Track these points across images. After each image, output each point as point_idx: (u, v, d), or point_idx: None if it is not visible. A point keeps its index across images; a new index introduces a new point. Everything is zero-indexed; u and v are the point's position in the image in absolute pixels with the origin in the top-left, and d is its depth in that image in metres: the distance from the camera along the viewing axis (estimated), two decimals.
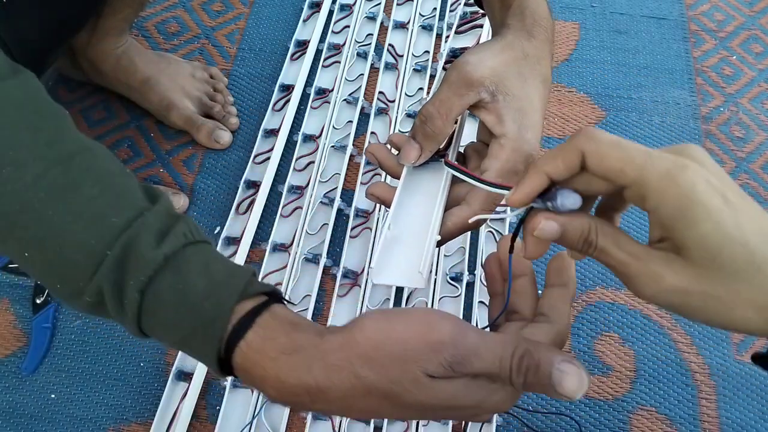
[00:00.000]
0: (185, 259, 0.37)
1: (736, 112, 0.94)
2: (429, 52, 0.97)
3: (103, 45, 0.84)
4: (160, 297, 0.36)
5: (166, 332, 0.37)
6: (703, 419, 0.71)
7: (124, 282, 0.36)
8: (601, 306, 0.78)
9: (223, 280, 0.37)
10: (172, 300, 0.36)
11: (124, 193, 0.38)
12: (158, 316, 0.36)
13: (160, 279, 0.36)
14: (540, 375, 0.33)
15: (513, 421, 0.70)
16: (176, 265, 0.36)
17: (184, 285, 0.36)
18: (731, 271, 0.30)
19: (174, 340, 0.37)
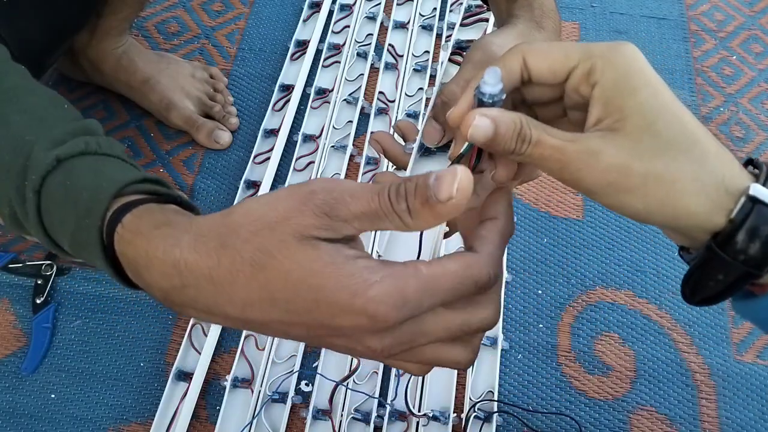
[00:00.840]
0: (80, 162, 0.37)
1: (736, 112, 0.94)
2: (429, 52, 0.97)
3: (104, 45, 0.84)
4: (51, 195, 0.36)
5: (60, 231, 0.36)
6: (703, 419, 0.71)
7: (24, 186, 0.37)
8: (601, 306, 0.78)
9: (111, 175, 0.36)
10: (60, 196, 0.36)
11: (47, 118, 0.41)
12: (52, 215, 0.36)
13: (51, 178, 0.36)
14: (419, 190, 0.28)
15: (513, 420, 0.70)
16: (68, 166, 0.37)
17: (71, 181, 0.36)
18: (667, 141, 0.30)
19: (68, 241, 0.36)
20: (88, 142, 0.38)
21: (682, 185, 0.30)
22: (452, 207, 0.28)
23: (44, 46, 0.63)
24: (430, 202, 0.28)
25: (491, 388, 0.71)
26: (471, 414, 0.69)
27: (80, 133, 0.39)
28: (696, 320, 0.77)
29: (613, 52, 0.31)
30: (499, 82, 0.31)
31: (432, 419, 0.69)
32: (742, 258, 0.30)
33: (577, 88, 0.32)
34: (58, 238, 0.37)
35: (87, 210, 0.34)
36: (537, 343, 0.75)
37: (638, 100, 0.30)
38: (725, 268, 0.31)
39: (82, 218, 0.35)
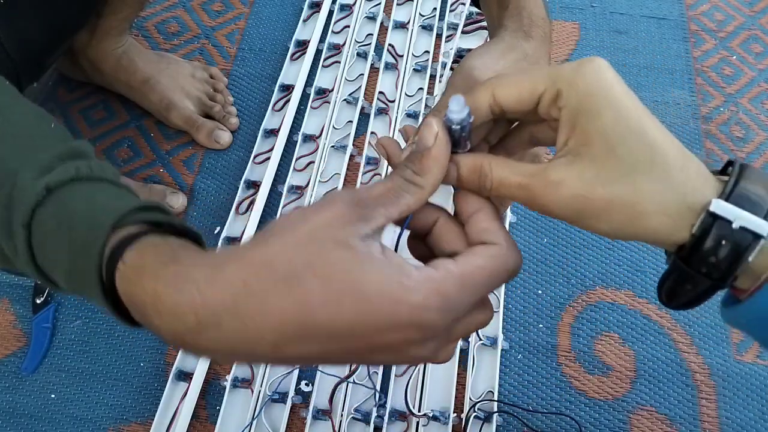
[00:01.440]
0: (71, 189, 0.33)
1: (736, 112, 0.94)
2: (429, 52, 0.97)
3: (104, 45, 0.84)
4: (42, 229, 0.33)
5: (54, 267, 0.33)
6: (703, 419, 0.71)
7: (12, 220, 0.33)
8: (601, 306, 0.78)
9: (106, 205, 0.33)
10: (52, 230, 0.32)
11: (32, 141, 0.37)
12: (45, 249, 0.33)
13: (42, 210, 0.33)
14: (412, 153, 0.31)
15: (513, 420, 0.70)
16: (60, 196, 0.33)
17: (64, 213, 0.33)
18: (630, 164, 0.30)
19: (64, 279, 0.33)
20: (78, 167, 0.34)
21: (644, 207, 0.30)
22: (441, 145, 0.31)
23: (44, 47, 0.63)
24: (425, 154, 0.31)
25: (491, 388, 0.71)
26: (471, 414, 0.69)
27: (69, 157, 0.35)
28: (696, 320, 0.77)
29: (576, 76, 0.31)
30: (463, 108, 0.31)
31: (432, 419, 0.69)
32: (704, 270, 0.30)
33: (547, 112, 0.32)
34: (53, 274, 0.34)
35: (83, 246, 0.31)
36: (537, 343, 0.75)
37: (600, 124, 0.30)
38: (692, 279, 0.31)
39: (79, 255, 0.32)
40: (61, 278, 0.33)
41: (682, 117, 0.93)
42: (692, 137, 0.91)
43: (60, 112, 0.91)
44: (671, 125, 0.92)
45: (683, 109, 0.94)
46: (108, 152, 0.88)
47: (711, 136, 0.92)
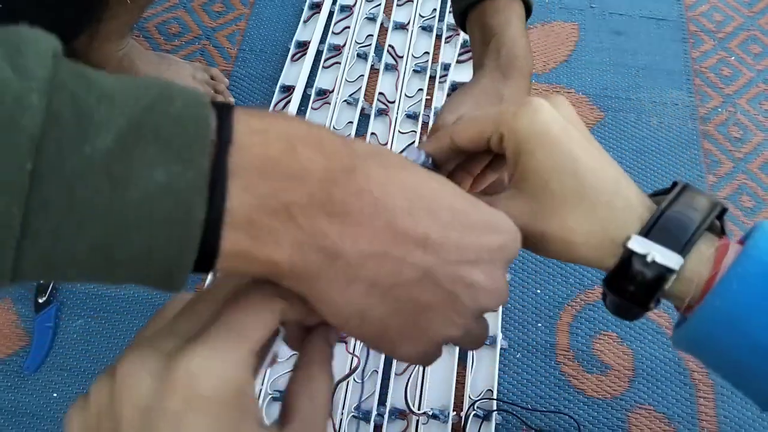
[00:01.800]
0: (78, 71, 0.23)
1: (734, 113, 0.94)
2: (429, 53, 0.98)
3: (105, 48, 0.85)
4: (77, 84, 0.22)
5: (102, 126, 0.22)
6: (701, 417, 0.72)
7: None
8: (600, 305, 0.78)
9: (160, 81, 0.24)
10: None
11: None
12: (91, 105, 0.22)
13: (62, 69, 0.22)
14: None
15: (512, 419, 0.71)
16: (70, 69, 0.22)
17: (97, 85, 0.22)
18: (561, 198, 0.33)
19: (116, 137, 0.21)
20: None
21: (574, 239, 0.33)
22: None
23: None
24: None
25: (490, 386, 0.72)
26: (470, 412, 0.70)
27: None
28: None
29: (515, 119, 0.34)
30: (419, 155, 0.38)
31: (432, 417, 0.69)
32: (627, 296, 0.33)
33: (499, 150, 0.36)
34: (93, 137, 0.21)
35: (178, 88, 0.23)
36: (536, 342, 0.76)
37: (534, 163, 0.33)
38: (619, 300, 0.34)
39: (177, 88, 0.23)
40: (119, 125, 0.21)
41: (680, 117, 0.94)
42: (690, 138, 0.92)
43: None
44: (669, 126, 0.93)
45: (681, 110, 0.95)
46: None
47: (709, 137, 0.92)
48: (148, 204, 0.21)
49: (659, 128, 0.93)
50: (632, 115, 0.94)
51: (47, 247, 0.21)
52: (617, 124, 0.93)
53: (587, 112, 0.94)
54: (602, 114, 0.94)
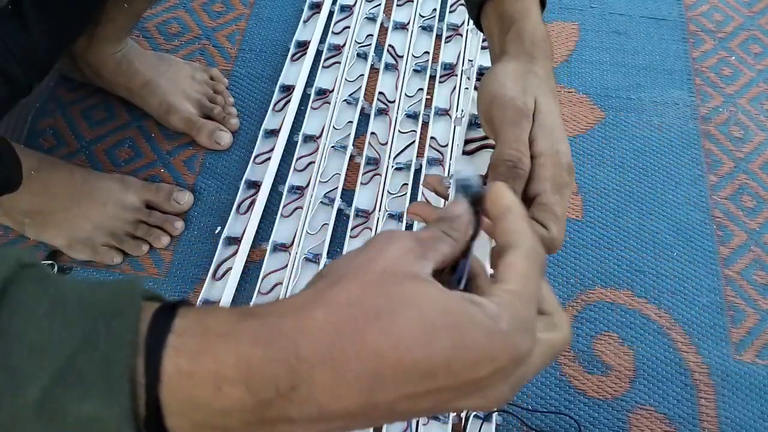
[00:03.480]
0: (33, 278, 0.26)
1: (735, 113, 0.94)
2: (429, 53, 0.98)
3: (103, 50, 0.85)
4: (20, 308, 0.25)
5: (37, 359, 0.24)
6: (702, 418, 0.71)
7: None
8: (600, 305, 0.78)
9: (100, 284, 0.26)
10: (42, 307, 0.25)
11: None
12: (24, 333, 0.24)
13: (15, 289, 0.25)
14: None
15: (512, 420, 0.71)
16: (21, 287, 0.25)
17: (50, 291, 0.26)
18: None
19: (51, 377, 0.24)
20: (19, 257, 0.26)
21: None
22: (466, 214, 0.33)
23: (47, 53, 0.63)
24: (455, 219, 0.32)
25: None
26: (470, 413, 0.70)
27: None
28: (695, 320, 0.77)
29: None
30: (471, 180, 0.35)
31: (432, 418, 0.69)
32: None
33: None
34: (24, 381, 0.24)
35: (112, 312, 0.25)
36: None
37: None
38: None
39: (104, 324, 0.25)
40: (44, 379, 0.24)
41: (681, 117, 0.94)
42: (691, 137, 0.92)
43: (61, 112, 0.92)
44: (670, 125, 0.93)
45: (682, 110, 0.94)
46: (109, 153, 0.89)
47: (710, 137, 0.92)
48: (81, 429, 0.24)
49: (660, 128, 0.93)
50: (633, 114, 0.94)
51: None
52: (618, 123, 0.93)
53: (588, 112, 0.94)
54: (603, 114, 0.94)
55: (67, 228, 0.77)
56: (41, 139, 0.89)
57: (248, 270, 0.80)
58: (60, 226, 0.77)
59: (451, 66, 0.96)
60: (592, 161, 0.90)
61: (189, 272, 0.80)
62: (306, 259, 0.79)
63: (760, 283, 0.80)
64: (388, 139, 0.89)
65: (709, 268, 0.81)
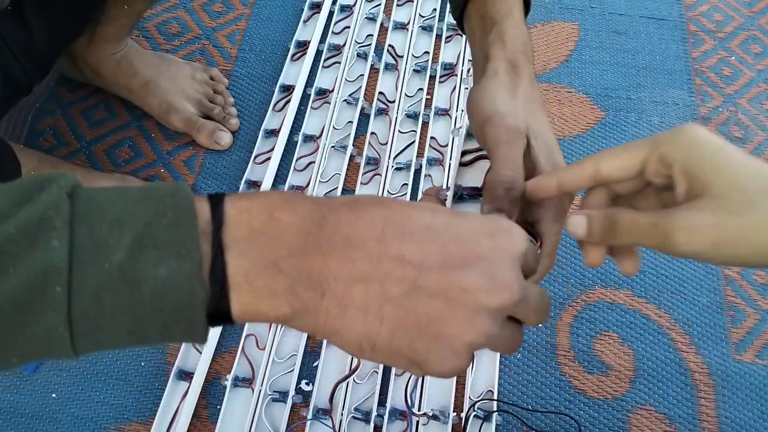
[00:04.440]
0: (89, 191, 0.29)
1: (735, 113, 0.94)
2: (429, 52, 0.98)
3: (102, 50, 0.85)
4: (91, 202, 0.29)
5: (114, 236, 0.28)
6: (702, 418, 0.71)
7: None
8: (600, 305, 0.78)
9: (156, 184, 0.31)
10: (112, 197, 0.29)
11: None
12: (100, 216, 0.29)
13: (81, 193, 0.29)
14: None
15: (512, 420, 0.71)
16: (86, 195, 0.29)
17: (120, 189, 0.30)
18: (755, 191, 0.33)
19: (127, 251, 0.28)
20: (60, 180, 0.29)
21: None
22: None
23: (48, 52, 0.63)
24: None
25: (491, 387, 0.71)
26: (470, 413, 0.70)
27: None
28: (695, 320, 0.77)
29: (676, 136, 0.36)
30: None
31: (432, 418, 0.69)
32: None
33: (658, 172, 0.37)
34: (107, 250, 0.28)
35: (172, 192, 0.29)
36: (536, 343, 0.76)
37: (715, 166, 0.34)
38: None
39: (169, 198, 0.29)
40: (127, 242, 0.28)
41: (681, 117, 0.94)
42: None
43: (61, 112, 0.92)
44: (670, 125, 0.93)
45: (682, 110, 0.94)
46: (109, 153, 0.89)
47: None
48: (157, 295, 0.28)
49: (660, 128, 0.93)
50: (633, 114, 0.94)
51: (93, 338, 0.28)
52: (618, 123, 0.93)
53: (588, 112, 0.94)
54: (603, 114, 0.94)
55: None
56: (41, 139, 0.89)
57: None
58: None
59: (451, 66, 0.96)
60: None
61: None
62: None
63: (760, 283, 0.80)
64: (388, 139, 0.89)
65: (709, 268, 0.81)
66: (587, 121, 0.93)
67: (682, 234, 0.34)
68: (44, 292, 0.27)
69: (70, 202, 0.28)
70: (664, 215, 0.35)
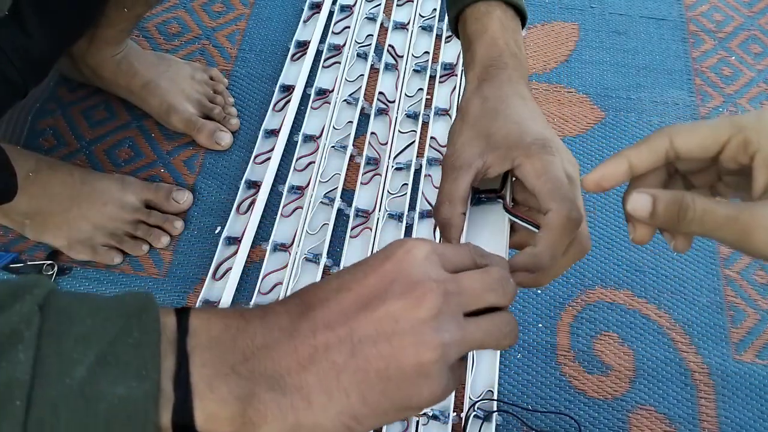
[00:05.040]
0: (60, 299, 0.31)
1: (735, 113, 0.94)
2: (429, 52, 0.98)
3: (103, 52, 0.84)
4: (57, 316, 0.30)
5: (77, 353, 0.29)
6: (702, 418, 0.71)
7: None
8: (600, 305, 0.78)
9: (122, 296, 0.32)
10: (78, 309, 0.30)
11: None
12: (64, 335, 0.29)
13: (52, 303, 0.30)
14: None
15: (512, 420, 0.71)
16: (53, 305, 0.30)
17: (81, 301, 0.31)
18: None
19: (88, 368, 0.29)
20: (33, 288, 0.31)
21: None
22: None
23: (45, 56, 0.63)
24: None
25: (491, 387, 0.71)
26: (471, 413, 0.70)
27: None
28: (695, 320, 0.77)
29: (763, 122, 0.33)
30: None
31: (432, 418, 0.69)
32: None
33: (734, 158, 0.34)
34: (70, 366, 0.29)
35: (140, 309, 0.30)
36: (536, 343, 0.76)
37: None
38: None
39: (136, 317, 0.30)
40: (89, 359, 0.29)
41: (681, 117, 0.94)
42: None
43: (61, 112, 0.92)
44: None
45: (682, 110, 0.94)
46: (109, 153, 0.89)
47: None
48: (112, 413, 0.28)
49: (660, 127, 0.92)
50: (633, 114, 0.94)
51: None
52: (618, 123, 0.93)
53: (588, 112, 0.94)
54: (603, 114, 0.94)
55: (67, 229, 0.77)
56: (41, 139, 0.89)
57: (248, 270, 0.80)
58: (60, 227, 0.77)
59: (451, 66, 0.96)
60: (592, 161, 0.90)
61: (189, 272, 0.80)
62: (306, 259, 0.80)
63: (760, 283, 0.80)
64: (388, 139, 0.89)
65: (709, 268, 0.81)
66: (587, 121, 0.93)
67: (763, 233, 0.31)
68: (5, 405, 0.27)
69: (40, 315, 0.29)
70: (746, 208, 0.32)
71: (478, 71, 0.50)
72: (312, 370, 0.30)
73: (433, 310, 0.31)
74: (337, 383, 0.30)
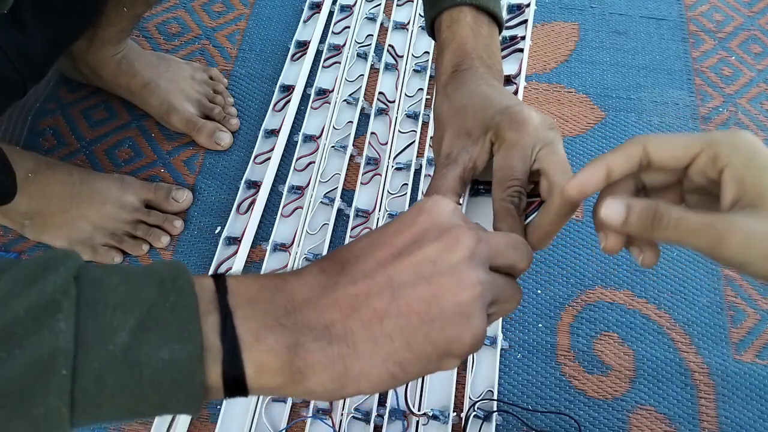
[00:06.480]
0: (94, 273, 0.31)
1: (735, 113, 0.94)
2: (429, 52, 0.98)
3: (102, 52, 0.84)
4: (95, 286, 0.30)
5: (117, 320, 0.29)
6: (702, 418, 0.71)
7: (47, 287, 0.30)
8: (600, 305, 0.78)
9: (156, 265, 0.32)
10: (114, 282, 0.30)
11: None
12: (102, 300, 0.30)
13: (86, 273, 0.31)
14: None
15: (512, 420, 0.71)
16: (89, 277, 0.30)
17: (121, 271, 0.31)
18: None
19: (131, 332, 0.29)
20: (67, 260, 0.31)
21: None
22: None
23: (44, 56, 0.63)
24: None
25: (491, 387, 0.71)
26: (471, 413, 0.70)
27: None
28: (695, 320, 0.77)
29: (734, 138, 0.34)
30: None
31: (432, 418, 0.69)
32: None
33: (703, 171, 0.35)
34: (112, 333, 0.29)
35: (173, 276, 0.31)
36: (536, 343, 0.76)
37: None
38: None
39: (170, 282, 0.31)
40: (130, 325, 0.29)
41: (681, 117, 0.94)
42: None
43: (61, 112, 0.92)
44: (670, 125, 0.93)
45: (682, 110, 0.94)
46: (109, 153, 0.89)
47: None
48: (157, 376, 0.29)
49: (660, 128, 0.93)
50: (633, 114, 0.94)
51: (90, 414, 0.29)
52: (618, 123, 0.93)
53: (588, 112, 0.94)
54: (603, 114, 0.94)
55: (67, 229, 0.77)
56: (41, 139, 0.89)
57: (248, 270, 0.80)
58: (59, 227, 0.77)
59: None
60: None
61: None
62: (306, 259, 0.80)
63: (760, 283, 0.80)
64: (388, 139, 0.89)
65: (709, 268, 0.81)
66: (587, 121, 0.93)
67: (737, 240, 0.32)
68: (50, 375, 0.27)
69: (76, 285, 0.29)
70: (721, 217, 0.33)
71: (443, 79, 0.51)
72: (355, 317, 0.31)
73: (468, 249, 0.32)
74: (381, 329, 0.31)
